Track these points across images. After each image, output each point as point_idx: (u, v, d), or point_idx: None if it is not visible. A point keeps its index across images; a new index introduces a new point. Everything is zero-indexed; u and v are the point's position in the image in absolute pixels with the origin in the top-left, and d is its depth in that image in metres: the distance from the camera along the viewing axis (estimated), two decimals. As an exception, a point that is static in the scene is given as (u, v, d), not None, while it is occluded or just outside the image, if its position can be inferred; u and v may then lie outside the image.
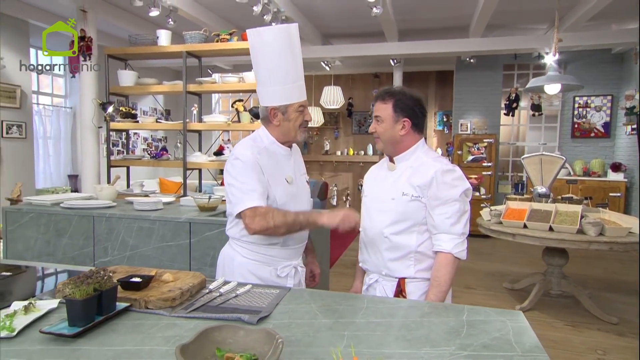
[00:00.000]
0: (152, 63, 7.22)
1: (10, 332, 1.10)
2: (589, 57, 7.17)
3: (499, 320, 1.28)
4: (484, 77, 7.56)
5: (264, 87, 1.71)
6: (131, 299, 1.33)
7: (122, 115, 4.51)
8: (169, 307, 1.33)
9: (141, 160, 4.99)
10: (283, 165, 1.75)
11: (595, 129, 7.35)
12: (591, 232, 3.54)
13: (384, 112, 1.66)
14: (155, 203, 3.32)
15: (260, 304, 1.38)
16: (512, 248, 6.48)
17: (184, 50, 4.22)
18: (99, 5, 5.01)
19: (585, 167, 7.03)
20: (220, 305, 1.38)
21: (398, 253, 1.62)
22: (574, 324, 3.66)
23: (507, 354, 1.07)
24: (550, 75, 3.96)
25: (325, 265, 3.46)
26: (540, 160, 4.04)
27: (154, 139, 8.27)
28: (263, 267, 1.73)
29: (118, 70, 4.50)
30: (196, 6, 5.33)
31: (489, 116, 7.56)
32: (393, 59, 6.98)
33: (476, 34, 5.97)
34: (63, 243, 3.22)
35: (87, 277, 1.19)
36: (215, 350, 0.96)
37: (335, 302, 1.41)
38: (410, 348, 1.09)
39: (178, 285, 1.45)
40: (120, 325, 1.21)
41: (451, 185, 1.59)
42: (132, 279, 1.42)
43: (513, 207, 3.92)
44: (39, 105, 6.11)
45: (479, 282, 4.80)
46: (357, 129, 9.26)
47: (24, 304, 1.24)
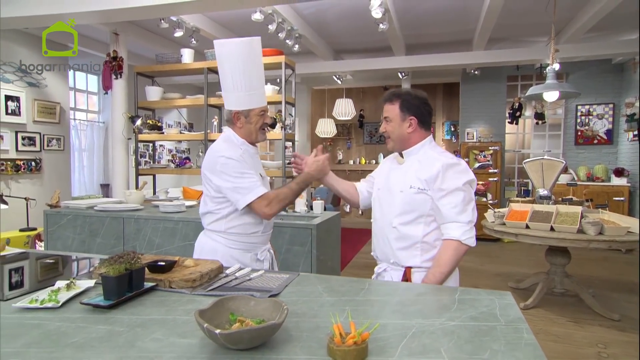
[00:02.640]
0: (176, 80, 7.45)
1: (55, 303, 1.21)
2: (590, 67, 7.14)
3: (487, 298, 1.34)
4: (489, 88, 7.58)
5: (228, 93, 1.84)
6: (157, 280, 1.43)
7: (149, 127, 4.69)
8: (190, 287, 1.42)
9: (166, 168, 5.16)
10: (255, 161, 1.91)
11: (598, 136, 7.28)
12: (591, 231, 3.52)
13: (392, 112, 1.72)
14: (179, 206, 3.46)
15: (271, 285, 1.46)
16: (518, 251, 6.43)
17: (206, 66, 4.40)
18: (129, 28, 5.24)
19: (589, 173, 6.96)
20: (236, 286, 1.46)
21: (405, 243, 1.66)
22: (576, 320, 3.63)
23: (491, 324, 1.13)
24: (549, 83, 3.99)
25: (337, 266, 3.53)
26: (541, 164, 4.05)
27: (178, 150, 8.48)
28: (245, 254, 1.87)
29: (146, 87, 4.69)
30: (216, 26, 5.53)
31: (495, 125, 7.56)
32: (401, 72, 7.06)
33: (479, 47, 6.01)
34: (96, 242, 3.36)
35: (120, 257, 1.29)
36: (229, 316, 1.05)
37: (339, 285, 1.48)
38: (404, 319, 1.16)
39: (198, 269, 1.55)
40: (147, 300, 1.31)
41: (456, 177, 1.62)
42: (158, 263, 1.52)
43: (516, 208, 3.93)
44: (75, 120, 6.36)
45: (486, 282, 4.78)
46: (369, 139, 9.33)
47: (66, 282, 1.35)
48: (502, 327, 1.11)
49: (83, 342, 1.01)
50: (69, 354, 0.95)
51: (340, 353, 0.91)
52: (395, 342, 1.01)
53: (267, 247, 1.99)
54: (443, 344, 1.00)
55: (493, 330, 1.09)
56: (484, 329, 1.10)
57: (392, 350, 0.97)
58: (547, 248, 4.02)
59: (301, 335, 1.04)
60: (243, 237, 1.85)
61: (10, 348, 0.99)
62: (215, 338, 0.92)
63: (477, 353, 0.96)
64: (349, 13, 5.09)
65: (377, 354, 0.95)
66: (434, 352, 0.96)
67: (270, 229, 2.01)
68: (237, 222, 1.83)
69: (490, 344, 1.01)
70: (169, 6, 4.03)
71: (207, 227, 1.91)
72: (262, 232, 1.90)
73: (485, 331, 1.08)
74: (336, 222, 3.44)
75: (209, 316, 1.01)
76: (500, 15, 4.79)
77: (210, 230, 1.90)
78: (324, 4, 4.90)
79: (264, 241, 1.95)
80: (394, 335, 1.05)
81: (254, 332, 0.92)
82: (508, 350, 0.98)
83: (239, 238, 1.85)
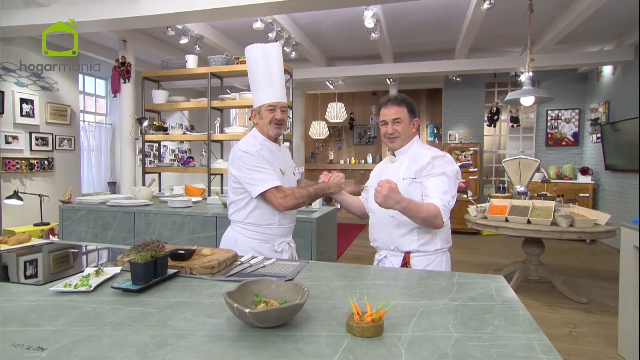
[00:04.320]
0: (179, 84, 7.39)
1: (88, 288, 1.21)
2: (558, 76, 7.28)
3: (483, 281, 1.37)
4: (469, 94, 7.67)
5: (253, 92, 1.89)
6: (179, 267, 1.44)
7: (155, 128, 4.65)
8: (209, 274, 1.43)
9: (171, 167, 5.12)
10: (276, 157, 1.89)
11: (566, 138, 7.42)
12: (563, 223, 3.60)
13: (403, 114, 1.75)
14: (186, 201, 3.44)
15: (285, 272, 1.48)
16: (495, 242, 6.53)
17: (209, 71, 4.37)
18: (136, 36, 5.19)
19: (558, 172, 7.10)
20: (252, 272, 1.47)
21: (404, 229, 1.69)
22: (549, 304, 3.72)
23: (489, 303, 1.16)
24: (526, 89, 4.06)
25: (334, 257, 3.55)
26: (518, 163, 4.12)
27: (180, 150, 8.42)
28: (262, 245, 1.86)
29: (152, 90, 4.65)
30: (219, 34, 5.50)
31: (474, 127, 7.65)
32: (389, 78, 7.10)
33: (461, 55, 6.08)
34: (109, 235, 3.33)
35: (146, 245, 1.29)
36: (254, 297, 1.06)
37: (346, 271, 1.50)
38: (411, 300, 1.19)
39: (215, 257, 1.55)
40: (171, 285, 1.31)
41: (443, 165, 1.67)
42: (178, 251, 1.52)
43: (496, 203, 3.99)
44: (85, 122, 6.28)
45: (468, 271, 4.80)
46: (358, 140, 9.37)
47: (94, 269, 1.35)
48: (500, 306, 1.14)
49: (120, 321, 1.02)
50: (108, 332, 0.96)
51: (359, 329, 0.93)
52: (406, 320, 1.03)
53: (287, 239, 1.94)
54: (449, 320, 1.03)
55: (492, 308, 1.12)
56: (483, 307, 1.13)
57: (405, 327, 0.99)
58: (524, 239, 4.09)
59: (319, 315, 1.06)
60: (259, 227, 1.85)
61: (53, 326, 0.99)
62: (244, 317, 0.93)
63: (480, 328, 0.99)
64: (341, 23, 5.11)
65: (391, 330, 0.97)
66: (443, 328, 0.98)
67: (291, 222, 1.96)
68: (254, 212, 1.83)
69: (492, 320, 1.04)
70: (175, 15, 4.00)
71: (230, 218, 1.93)
72: (278, 224, 1.87)
73: (485, 310, 1.11)
74: (333, 216, 3.46)
75: (235, 298, 1.02)
76: (480, 27, 4.86)
77: (232, 220, 1.92)
78: (319, 15, 4.91)
79: (282, 233, 1.90)
80: (404, 314, 1.07)
81: (281, 311, 0.94)
82: (508, 325, 1.01)
83: (256, 228, 1.85)
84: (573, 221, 3.62)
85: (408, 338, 0.93)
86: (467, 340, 0.92)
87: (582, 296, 3.85)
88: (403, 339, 0.92)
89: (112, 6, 3.99)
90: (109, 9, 4.00)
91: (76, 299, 1.17)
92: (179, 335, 0.95)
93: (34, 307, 1.11)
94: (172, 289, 1.28)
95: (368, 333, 0.92)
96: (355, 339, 0.92)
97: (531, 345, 0.90)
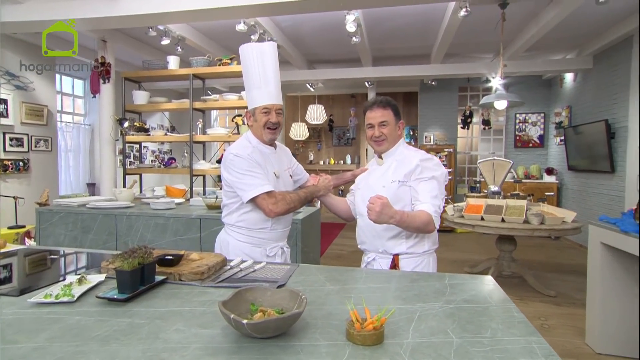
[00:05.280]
0: (160, 85, 7.15)
1: (71, 298, 1.11)
2: (525, 81, 7.47)
3: (473, 283, 1.35)
4: (443, 97, 7.77)
5: (247, 92, 1.78)
6: (167, 273, 1.35)
7: (136, 129, 4.48)
8: (199, 280, 1.35)
9: (152, 168, 4.94)
10: (271, 161, 1.78)
11: (533, 140, 7.63)
12: (534, 221, 3.67)
13: (389, 117, 1.70)
14: (169, 203, 3.30)
15: (276, 276, 1.41)
16: (469, 240, 6.63)
17: (191, 73, 4.23)
18: (116, 36, 4.97)
19: (526, 172, 7.28)
20: (243, 277, 1.40)
21: (392, 232, 1.64)
22: (521, 298, 3.78)
23: (483, 305, 1.13)
24: (499, 93, 4.13)
25: (317, 257, 3.49)
26: (492, 164, 4.18)
27: (161, 152, 8.17)
28: (254, 249, 1.77)
29: (133, 91, 4.47)
30: (201, 36, 5.34)
31: (448, 130, 7.76)
32: (368, 82, 7.10)
33: (436, 60, 6.14)
34: (89, 238, 3.16)
35: (133, 252, 1.20)
36: (250, 306, 0.99)
37: (338, 274, 1.45)
38: (407, 304, 1.14)
39: (204, 262, 1.47)
40: (160, 293, 1.22)
41: (432, 169, 1.64)
42: (165, 257, 1.43)
43: (472, 203, 4.03)
44: (62, 122, 5.98)
45: (443, 268, 4.79)
46: (337, 141, 9.35)
47: (77, 277, 1.24)
48: (494, 308, 1.11)
49: (106, 335, 0.93)
50: (95, 347, 0.87)
51: (360, 338, 0.88)
52: (405, 325, 0.99)
53: (280, 244, 1.84)
54: (447, 325, 0.99)
55: (487, 310, 1.09)
56: (478, 310, 1.10)
57: (405, 333, 0.95)
58: (497, 237, 4.16)
59: (317, 323, 1.00)
60: (251, 231, 1.77)
61: (33, 343, 0.89)
62: (241, 328, 0.86)
63: (479, 332, 0.95)
64: (322, 27, 5.06)
65: (392, 337, 0.92)
66: (442, 333, 0.95)
67: (284, 227, 1.86)
68: (245, 216, 1.75)
69: (489, 323, 1.01)
70: (156, 15, 3.85)
71: (223, 220, 1.84)
72: (270, 229, 1.78)
73: (481, 312, 1.08)
74: (317, 217, 3.40)
75: (230, 307, 0.95)
76: (455, 34, 4.91)
77: (225, 223, 1.83)
78: (300, 18, 4.85)
79: (275, 238, 1.81)
80: (401, 319, 1.03)
81: (280, 321, 0.87)
82: (505, 328, 0.98)
83: (247, 232, 1.77)
84: (543, 219, 3.70)
85: (410, 345, 0.88)
86: (468, 345, 0.89)
87: (550, 289, 3.95)
88: (405, 346, 0.88)
89: (92, 5, 3.81)
90: (88, 7, 3.81)
91: (58, 310, 1.07)
92: (172, 348, 0.87)
93: (11, 321, 1.01)
94: (161, 297, 1.19)
95: (369, 341, 0.88)
96: (357, 347, 0.87)
97: (531, 349, 0.87)
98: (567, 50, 6.26)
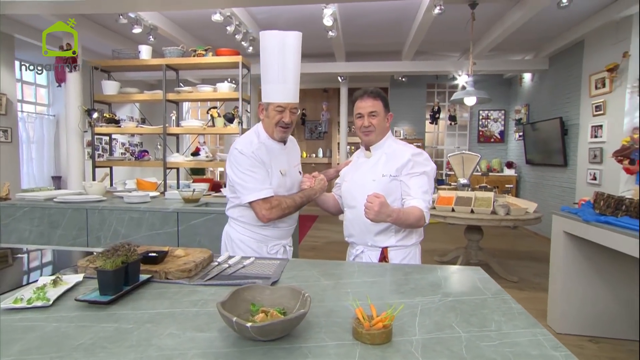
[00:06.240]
0: (129, 76, 6.76)
1: (46, 302, 0.98)
2: (488, 80, 7.68)
3: (465, 274, 1.32)
4: (412, 93, 7.85)
5: (262, 84, 1.63)
6: (151, 271, 1.23)
7: (106, 120, 4.20)
8: (187, 278, 1.24)
9: (124, 161, 4.67)
10: (278, 158, 1.67)
11: (494, 135, 7.88)
12: (501, 212, 3.77)
13: (379, 107, 1.63)
14: (144, 196, 3.13)
15: (267, 272, 1.33)
16: (438, 229, 6.77)
17: (164, 63, 4.01)
18: (84, 23, 4.62)
19: (489, 165, 7.51)
20: (232, 274, 1.31)
21: (382, 225, 1.59)
22: (489, 285, 3.89)
23: (481, 297, 1.10)
24: (468, 90, 4.19)
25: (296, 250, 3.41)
26: (462, 158, 4.25)
27: (131, 144, 7.77)
28: (256, 244, 1.68)
29: (102, 81, 4.19)
30: (174, 26, 5.07)
31: (417, 125, 7.86)
32: (341, 76, 7.04)
33: (407, 57, 6.17)
34: (57, 234, 2.93)
35: (116, 250, 1.08)
36: (250, 306, 0.90)
37: (331, 268, 1.38)
38: (406, 298, 1.10)
39: (191, 259, 1.36)
40: (146, 293, 1.11)
41: (423, 164, 1.61)
42: (149, 254, 1.31)
43: (443, 195, 4.08)
44: (23, 112, 5.52)
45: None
46: (310, 135, 9.25)
47: (51, 278, 1.10)
48: (492, 300, 1.09)
49: (91, 343, 0.81)
50: (79, 358, 0.76)
51: (370, 336, 0.82)
52: (409, 321, 0.94)
53: (283, 242, 1.73)
54: (451, 319, 0.95)
55: (485, 302, 1.06)
56: (477, 302, 1.07)
57: (411, 329, 0.90)
58: (466, 227, 4.24)
59: (319, 321, 0.93)
60: (254, 227, 1.67)
61: (5, 357, 0.76)
62: (245, 331, 0.78)
63: (484, 325, 0.92)
64: (298, 21, 4.93)
65: (399, 334, 0.87)
66: (448, 328, 0.90)
67: (288, 225, 1.74)
68: (247, 212, 1.65)
69: (491, 315, 0.97)
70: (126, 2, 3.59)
71: (226, 213, 1.74)
72: (273, 226, 1.67)
73: (480, 304, 1.05)
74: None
75: (229, 308, 0.86)
76: (427, 32, 4.93)
77: (228, 215, 1.74)
78: (276, 10, 4.70)
79: (278, 235, 1.70)
80: (404, 314, 0.98)
81: (287, 322, 0.79)
82: (507, 320, 0.95)
83: (249, 227, 1.67)
84: (509, 210, 3.80)
85: (419, 342, 0.83)
86: (477, 340, 0.85)
87: (513, 275, 4.08)
88: (415, 343, 0.83)
89: (55, -12, 3.50)
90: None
91: (32, 317, 0.93)
92: (168, 356, 0.77)
93: (-23, 331, 0.87)
94: (148, 297, 1.08)
95: (379, 340, 0.82)
96: (366, 347, 0.81)
97: (538, 342, 0.84)
98: (526, 52, 6.47)
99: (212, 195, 3.76)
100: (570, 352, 0.80)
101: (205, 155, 4.33)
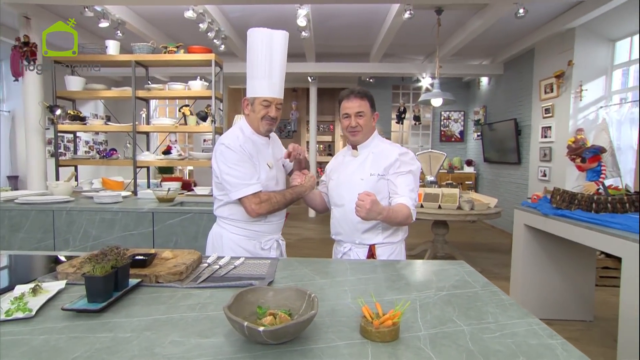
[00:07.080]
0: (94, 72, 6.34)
1: (28, 312, 0.88)
2: (448, 83, 7.94)
3: (451, 268, 1.35)
4: (379, 94, 7.97)
5: (248, 80, 1.60)
6: (141, 275, 1.15)
7: (71, 118, 3.92)
8: (178, 281, 1.17)
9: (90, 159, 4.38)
10: (264, 152, 1.64)
11: (455, 135, 8.17)
12: (466, 207, 3.91)
13: (365, 107, 1.62)
14: (115, 196, 2.95)
15: (260, 272, 1.28)
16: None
17: (133, 59, 3.80)
18: (43, 15, 4.27)
19: (450, 163, 7.78)
20: (225, 275, 1.25)
21: (369, 223, 1.58)
22: (456, 276, 4.02)
23: (472, 290, 1.13)
24: (435, 92, 4.31)
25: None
26: (429, 156, 4.37)
27: (95, 142, 7.33)
28: (249, 241, 1.62)
29: (65, 76, 3.89)
30: (143, 22, 4.81)
31: (384, 125, 7.99)
32: (310, 77, 7.01)
33: (375, 59, 6.25)
34: (19, 237, 2.69)
35: (105, 255, 0.99)
36: (257, 309, 0.86)
37: (323, 267, 1.36)
38: (403, 294, 1.09)
39: (180, 261, 1.29)
40: (137, 299, 1.03)
41: (409, 163, 1.62)
42: (136, 257, 1.22)
43: (412, 191, 4.17)
44: (-27, 107, 5.04)
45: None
46: (279, 134, 9.13)
47: (29, 287, 1.00)
48: (482, 292, 1.11)
49: (88, 356, 0.74)
50: (78, 376, 0.69)
51: (379, 334, 0.80)
52: (412, 316, 0.94)
53: (275, 236, 1.70)
54: (450, 312, 0.96)
55: (477, 295, 1.08)
56: (470, 295, 1.08)
57: (415, 324, 0.89)
58: (433, 222, 4.36)
59: (325, 321, 0.91)
60: (246, 224, 1.60)
61: (-7, 380, 0.67)
62: (257, 336, 0.74)
63: (482, 317, 0.93)
64: (271, 20, 4.85)
65: (405, 331, 0.86)
66: (450, 322, 0.91)
67: (279, 219, 1.72)
68: (238, 208, 1.58)
69: (486, 308, 0.99)
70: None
71: (215, 213, 1.65)
72: (265, 221, 1.63)
73: (473, 297, 1.07)
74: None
75: (234, 312, 0.81)
76: (395, 35, 5.02)
77: (217, 216, 1.65)
78: (250, 10, 4.58)
79: (270, 230, 1.66)
80: (405, 310, 0.97)
81: (299, 325, 0.76)
82: (502, 311, 0.97)
83: (242, 225, 1.60)
84: (473, 205, 3.95)
85: (427, 337, 0.83)
86: (479, 332, 0.86)
87: (477, 266, 4.25)
88: (422, 339, 0.82)
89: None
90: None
91: (15, 330, 0.84)
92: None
93: (-48, 349, 0.77)
94: (141, 303, 1.00)
95: (388, 337, 0.80)
96: (376, 345, 0.80)
97: (534, 331, 0.87)
98: (484, 57, 6.76)
99: (185, 194, 3.62)
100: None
101: (177, 153, 4.15)
